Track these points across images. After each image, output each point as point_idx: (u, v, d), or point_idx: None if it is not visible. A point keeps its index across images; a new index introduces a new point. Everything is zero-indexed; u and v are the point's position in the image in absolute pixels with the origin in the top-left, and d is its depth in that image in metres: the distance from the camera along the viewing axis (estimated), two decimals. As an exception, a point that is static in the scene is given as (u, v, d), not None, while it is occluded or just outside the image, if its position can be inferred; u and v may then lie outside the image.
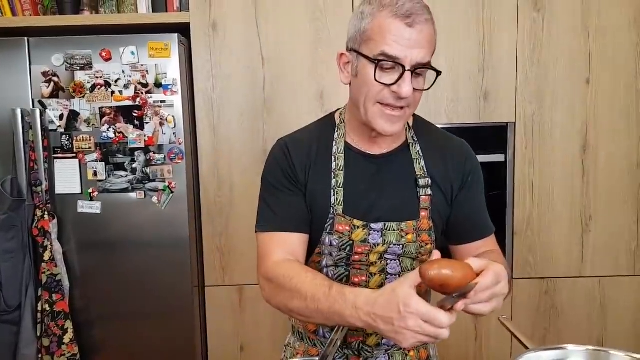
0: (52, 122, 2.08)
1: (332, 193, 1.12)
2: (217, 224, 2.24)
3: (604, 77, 2.22)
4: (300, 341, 1.24)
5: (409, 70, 0.99)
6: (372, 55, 1.00)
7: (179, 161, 2.11)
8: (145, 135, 2.08)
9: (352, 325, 0.95)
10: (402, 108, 1.05)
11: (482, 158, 2.18)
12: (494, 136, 2.24)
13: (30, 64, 2.06)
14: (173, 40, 2.07)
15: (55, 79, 2.06)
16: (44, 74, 2.06)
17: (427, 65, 1.02)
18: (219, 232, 2.24)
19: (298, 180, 1.14)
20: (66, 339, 2.07)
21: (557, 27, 2.19)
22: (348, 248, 1.12)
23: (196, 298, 2.26)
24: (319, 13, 2.16)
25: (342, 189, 1.12)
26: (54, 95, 2.07)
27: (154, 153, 2.10)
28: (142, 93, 2.06)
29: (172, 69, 2.07)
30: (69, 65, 2.05)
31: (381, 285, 1.12)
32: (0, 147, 2.08)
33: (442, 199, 1.16)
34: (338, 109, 1.21)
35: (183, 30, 2.17)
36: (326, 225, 1.12)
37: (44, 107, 2.07)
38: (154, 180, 2.11)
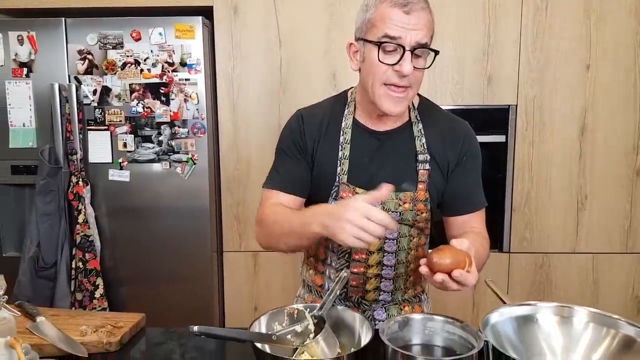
0: (86, 96, 2.25)
1: (339, 163, 1.25)
2: (235, 194, 2.41)
3: (603, 64, 2.32)
4: (309, 293, 1.39)
5: (408, 50, 1.11)
6: (376, 39, 1.13)
7: (201, 135, 2.28)
8: (170, 111, 2.25)
9: (312, 231, 1.09)
10: (405, 89, 1.16)
11: (484, 138, 2.37)
12: (496, 118, 2.36)
13: (67, 43, 2.23)
14: (197, 22, 2.22)
15: (90, 56, 2.23)
16: (80, 52, 2.22)
17: (426, 46, 1.14)
18: (236, 201, 2.42)
19: (306, 149, 1.27)
20: (97, 294, 2.27)
21: (559, 14, 2.29)
22: None
23: (215, 262, 2.44)
24: (334, 0, 2.29)
25: (348, 161, 1.24)
26: (88, 71, 2.24)
27: (179, 127, 2.26)
28: (169, 71, 2.22)
29: (196, 50, 2.22)
30: (102, 44, 2.22)
31: (380, 249, 1.27)
32: (40, 119, 2.27)
33: (439, 173, 1.27)
34: (352, 87, 1.34)
35: (207, 13, 2.31)
36: (332, 192, 1.25)
37: (79, 82, 2.24)
38: (178, 152, 2.28)
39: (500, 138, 2.37)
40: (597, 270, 2.45)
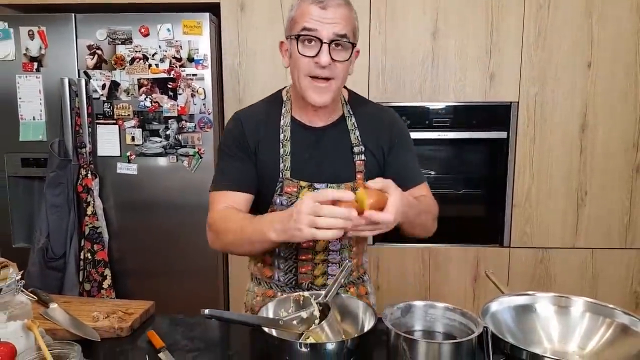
0: (95, 91, 2.30)
1: (281, 160, 1.29)
2: (241, 188, 2.44)
3: (604, 62, 2.35)
4: (258, 286, 1.42)
5: (326, 42, 1.18)
6: (296, 33, 1.20)
7: (208, 130, 2.32)
8: (178, 105, 2.29)
9: (269, 240, 1.12)
10: (327, 80, 1.22)
11: (486, 134, 2.41)
12: (498, 114, 2.40)
13: (76, 38, 2.27)
14: (205, 18, 2.25)
15: (99, 51, 2.27)
16: (89, 47, 2.27)
17: (344, 37, 1.19)
18: (242, 195, 2.45)
19: (248, 148, 1.30)
20: (105, 285, 2.32)
21: (561, 13, 2.32)
22: None
23: (220, 255, 2.48)
24: (339, -4, 2.33)
25: (289, 157, 1.29)
26: (97, 66, 2.28)
27: (186, 121, 2.31)
28: (176, 67, 2.26)
29: (203, 45, 2.26)
30: (111, 40, 2.26)
31: None
32: (50, 112, 2.31)
33: (374, 162, 1.34)
34: (285, 87, 1.39)
35: (214, 9, 2.35)
36: (276, 188, 1.30)
37: (88, 77, 2.29)
38: (185, 146, 2.32)
39: (502, 134, 2.41)
40: (597, 265, 2.48)
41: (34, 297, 1.27)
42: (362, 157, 1.33)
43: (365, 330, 1.13)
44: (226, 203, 1.28)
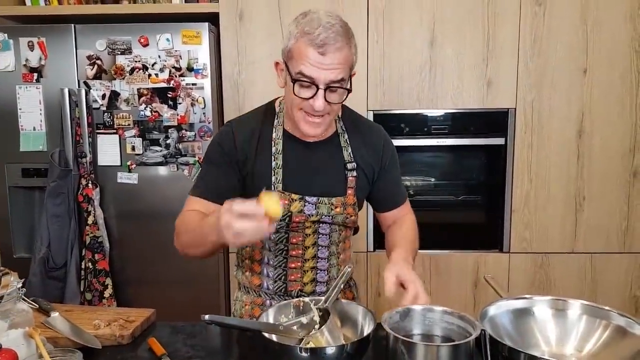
0: (95, 101, 2.31)
1: (273, 173, 1.30)
2: (240, 197, 2.45)
3: (600, 68, 2.36)
4: (246, 294, 1.44)
5: (321, 88, 1.17)
6: (293, 73, 1.18)
7: (208, 138, 2.33)
8: (178, 115, 2.31)
9: (211, 240, 1.12)
10: (321, 115, 1.22)
11: (483, 141, 2.43)
12: (495, 121, 2.41)
13: (76, 48, 2.29)
14: (204, 28, 2.28)
15: (99, 62, 2.29)
16: (89, 57, 2.29)
17: (340, 82, 1.18)
18: (242, 204, 2.46)
19: (235, 159, 1.30)
20: (106, 294, 2.32)
21: (557, 20, 2.34)
22: (287, 218, 1.31)
23: (221, 263, 2.48)
24: (337, 5, 2.35)
25: (281, 170, 1.30)
26: (97, 76, 2.30)
27: (186, 130, 2.32)
28: (176, 76, 2.28)
29: (202, 55, 2.28)
30: (110, 50, 2.28)
31: (314, 243, 1.36)
32: (50, 122, 2.32)
33: (364, 179, 1.38)
34: (277, 98, 1.40)
35: (213, 19, 2.37)
36: None
37: (88, 87, 2.30)
38: (185, 155, 2.34)
39: (499, 141, 2.42)
40: (596, 270, 2.48)
41: (35, 305, 1.28)
42: (354, 173, 1.36)
43: (365, 334, 1.13)
44: (195, 208, 1.29)
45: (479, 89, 2.39)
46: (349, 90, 1.23)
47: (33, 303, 1.26)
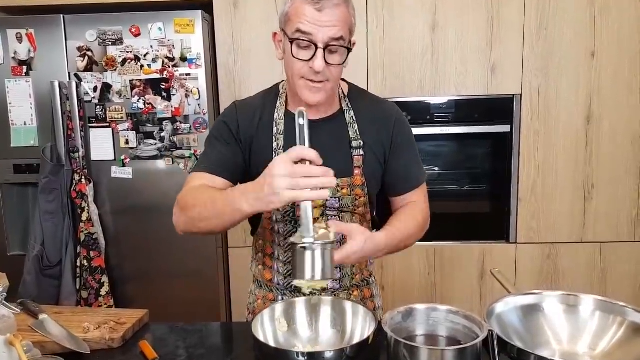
0: (86, 93, 2.25)
1: (274, 154, 1.25)
2: (238, 190, 2.40)
3: (608, 51, 2.28)
4: (259, 288, 1.40)
5: (321, 47, 1.12)
6: (290, 34, 1.14)
7: (204, 131, 2.27)
8: (172, 106, 2.24)
9: (242, 211, 1.05)
10: (322, 82, 1.17)
11: (488, 128, 2.35)
12: (500, 107, 2.34)
13: (66, 40, 2.22)
14: (197, 16, 2.20)
15: (89, 53, 2.22)
16: (79, 48, 2.22)
17: (340, 40, 1.14)
18: (240, 197, 2.40)
19: (239, 137, 1.27)
20: (103, 292, 2.27)
21: (563, 2, 2.26)
22: (293, 202, 1.24)
23: (220, 258, 2.44)
24: (334, -10, 2.27)
25: (282, 151, 1.25)
26: (88, 68, 2.23)
27: (180, 123, 2.26)
28: (169, 67, 2.21)
29: (196, 44, 2.21)
30: (101, 41, 2.21)
31: None
32: (41, 117, 2.26)
33: (374, 158, 1.30)
34: (283, 80, 1.34)
35: (206, 6, 2.30)
36: None
37: (79, 79, 2.24)
38: (180, 148, 2.27)
39: (505, 128, 2.35)
40: (605, 260, 2.42)
41: (17, 309, 1.23)
42: (361, 152, 1.29)
43: (365, 337, 1.07)
44: (202, 182, 1.23)
45: (483, 75, 2.31)
46: (349, 49, 1.18)
47: (14, 308, 1.20)
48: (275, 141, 1.28)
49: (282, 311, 1.18)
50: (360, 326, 1.15)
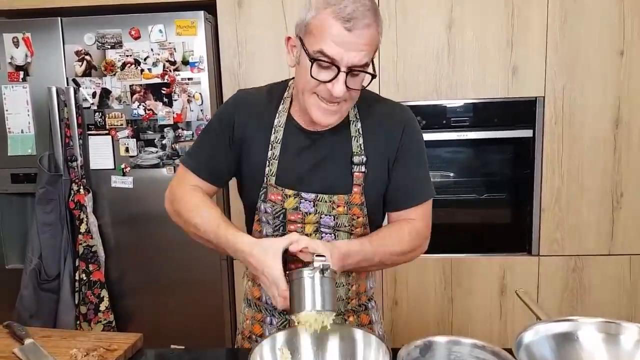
0: (85, 99, 2.16)
1: (267, 163, 1.17)
2: (244, 199, 2.29)
3: (638, 49, 2.14)
4: (248, 307, 1.31)
5: (343, 71, 1.01)
6: (312, 51, 1.02)
7: (207, 137, 2.16)
8: (173, 112, 2.14)
9: (237, 258, 1.11)
10: (338, 102, 1.07)
11: (509, 134, 2.22)
12: (522, 111, 2.21)
13: (63, 44, 2.14)
14: (199, 17, 2.10)
15: (88, 57, 2.13)
16: (77, 52, 2.13)
17: (362, 68, 1.03)
18: (245, 207, 2.30)
19: (232, 133, 1.19)
20: (102, 307, 2.18)
21: (589, -3, 2.12)
22: (281, 216, 1.18)
23: (225, 269, 2.33)
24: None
25: (276, 161, 1.17)
26: (86, 73, 2.14)
27: (182, 129, 2.15)
28: (170, 71, 2.11)
29: (198, 47, 2.11)
30: (100, 44, 2.12)
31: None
32: (38, 124, 2.18)
33: (378, 175, 1.18)
34: (292, 78, 1.22)
35: (209, 7, 2.19)
36: (260, 194, 1.18)
37: (77, 85, 2.15)
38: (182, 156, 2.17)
39: (527, 133, 2.21)
40: (635, 273, 2.27)
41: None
42: (362, 168, 1.17)
43: None
44: (192, 183, 1.22)
45: (504, 77, 2.18)
46: (374, 75, 1.07)
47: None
48: (271, 149, 1.18)
49: (285, 340, 1.06)
50: (373, 359, 1.03)
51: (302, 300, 0.95)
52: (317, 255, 0.99)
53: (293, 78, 1.22)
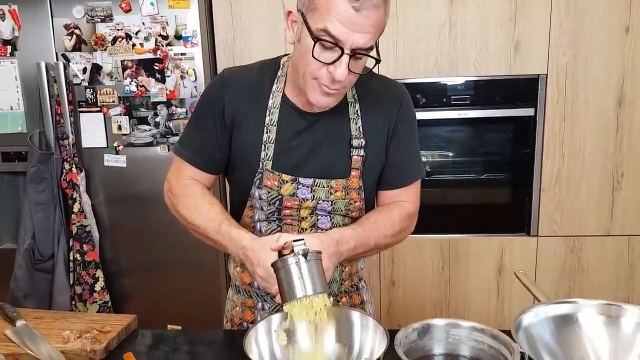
0: (75, 75, 2.10)
1: (263, 147, 1.12)
2: (240, 178, 2.26)
3: (645, 26, 2.09)
4: (237, 294, 1.28)
5: (347, 53, 0.96)
6: (315, 29, 0.96)
7: (201, 115, 2.11)
8: (166, 89, 2.09)
9: (232, 255, 1.12)
10: (337, 89, 1.03)
11: (510, 112, 2.17)
12: (524, 89, 2.16)
13: (52, 17, 2.07)
14: (192, -11, 2.03)
15: (77, 31, 2.07)
16: (66, 26, 2.06)
17: (367, 51, 0.98)
18: (241, 186, 2.26)
19: (222, 114, 1.13)
20: (97, 287, 2.16)
21: (596, -30, 2.06)
22: (277, 202, 1.14)
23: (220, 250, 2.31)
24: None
25: (273, 145, 1.12)
26: (76, 48, 2.08)
27: (176, 107, 2.10)
28: (163, 45, 2.05)
29: (191, 21, 2.04)
30: (90, 18, 2.05)
31: None
32: (28, 101, 2.13)
33: (374, 159, 1.16)
34: (287, 54, 1.17)
35: (203, -21, 2.13)
36: (255, 179, 1.13)
37: (67, 60, 2.09)
38: (177, 135, 2.12)
39: (528, 111, 2.17)
40: (634, 254, 2.25)
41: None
42: (361, 152, 1.14)
43: (376, 355, 0.94)
44: (189, 175, 1.18)
45: (506, 53, 2.12)
46: (378, 60, 1.03)
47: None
48: (266, 132, 1.12)
49: (280, 322, 1.04)
50: (370, 342, 1.02)
51: (292, 288, 0.92)
52: (294, 241, 0.96)
53: (286, 55, 1.17)
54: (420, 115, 2.13)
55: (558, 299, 1.07)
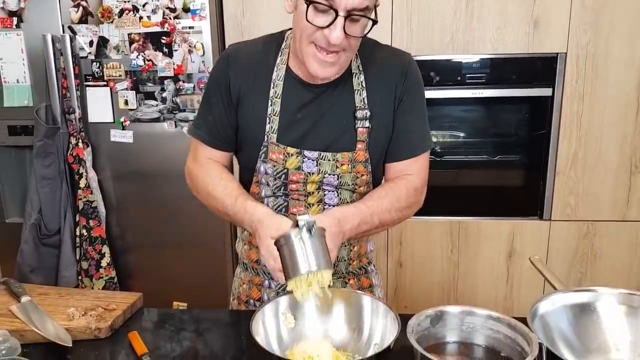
0: (82, 48, 2.05)
1: (268, 120, 1.11)
2: (248, 156, 2.22)
3: (671, 3, 2.00)
4: (245, 271, 1.28)
5: (342, 15, 0.94)
6: None
7: (209, 91, 2.07)
8: (174, 64, 2.03)
9: (244, 227, 1.11)
10: (336, 53, 1.01)
11: (527, 92, 2.10)
12: (542, 68, 2.09)
13: (58, -13, 2.02)
14: (201, -40, 1.97)
15: (84, 3, 2.01)
16: (72, -3, 2.01)
17: (364, 11, 0.96)
18: (249, 164, 2.23)
19: (229, 92, 1.13)
20: (104, 263, 2.15)
21: (622, -56, 1.96)
22: (283, 176, 1.12)
23: (228, 226, 2.28)
24: None
25: (277, 117, 1.11)
26: (82, 20, 2.03)
27: (183, 82, 2.06)
28: (170, 18, 1.99)
29: (200, -8, 1.98)
30: (96, -11, 2.00)
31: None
32: (34, 74, 2.09)
33: (380, 130, 1.13)
34: (291, 28, 1.14)
35: (212, -50, 2.05)
36: (260, 153, 1.12)
37: (73, 33, 2.04)
38: (184, 110, 2.08)
39: (546, 91, 2.10)
40: (649, 240, 2.20)
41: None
42: (366, 123, 1.11)
43: (387, 341, 0.92)
44: (206, 156, 1.18)
45: (524, 31, 2.05)
46: (375, 21, 0.99)
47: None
48: (271, 105, 1.11)
49: (288, 304, 1.02)
50: (380, 327, 1.00)
51: (295, 264, 0.90)
52: (299, 215, 0.94)
53: (291, 28, 1.14)
54: (434, 93, 2.08)
55: (575, 287, 1.04)
